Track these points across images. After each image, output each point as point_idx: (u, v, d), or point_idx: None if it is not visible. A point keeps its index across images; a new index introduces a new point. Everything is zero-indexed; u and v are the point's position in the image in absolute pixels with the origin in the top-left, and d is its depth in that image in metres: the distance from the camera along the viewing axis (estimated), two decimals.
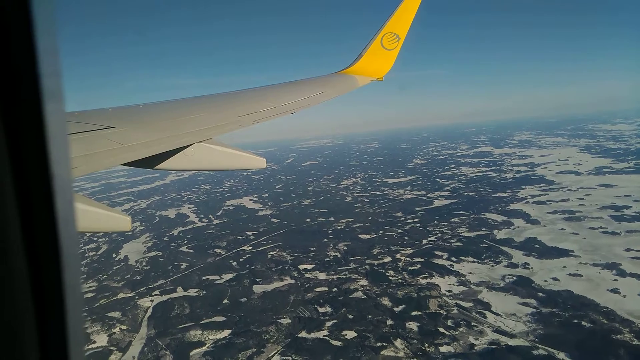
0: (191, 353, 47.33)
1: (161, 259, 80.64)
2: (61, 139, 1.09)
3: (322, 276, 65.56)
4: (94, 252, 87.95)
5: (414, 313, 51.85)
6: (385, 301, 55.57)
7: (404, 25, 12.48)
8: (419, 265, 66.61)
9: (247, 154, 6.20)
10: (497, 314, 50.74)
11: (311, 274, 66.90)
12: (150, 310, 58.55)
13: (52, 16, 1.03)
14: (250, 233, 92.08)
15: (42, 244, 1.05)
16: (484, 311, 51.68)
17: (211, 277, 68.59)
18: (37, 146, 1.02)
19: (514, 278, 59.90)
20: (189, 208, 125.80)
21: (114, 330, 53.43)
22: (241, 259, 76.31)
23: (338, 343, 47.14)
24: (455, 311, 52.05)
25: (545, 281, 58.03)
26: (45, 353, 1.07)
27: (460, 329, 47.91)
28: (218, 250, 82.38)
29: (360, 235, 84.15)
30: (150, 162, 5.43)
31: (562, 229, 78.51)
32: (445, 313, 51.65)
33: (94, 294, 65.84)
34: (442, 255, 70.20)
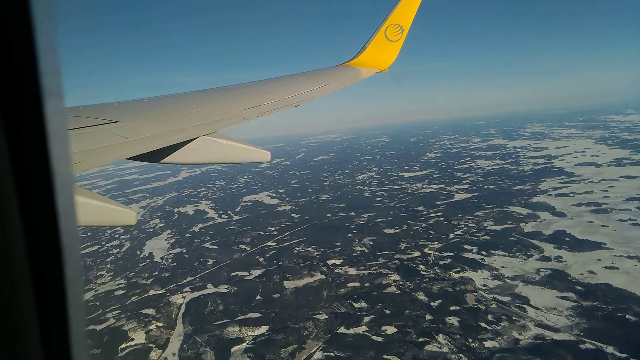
0: (232, 350, 47.21)
1: (186, 256, 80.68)
2: (61, 136, 1.09)
3: (352, 271, 65.18)
4: (118, 250, 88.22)
5: (452, 308, 51.37)
6: (421, 296, 55.15)
7: (407, 17, 12.40)
8: (449, 260, 66.04)
9: (252, 147, 6.16)
10: (537, 308, 50.18)
11: (341, 269, 66.55)
12: (183, 307, 58.53)
13: (51, 14, 1.03)
14: (273, 229, 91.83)
15: (43, 241, 1.05)
16: (523, 305, 51.13)
17: (240, 273, 68.45)
18: (37, 144, 1.03)
19: (549, 271, 59.21)
20: (206, 204, 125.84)
21: (150, 328, 53.42)
22: (267, 255, 76.12)
23: (379, 339, 46.83)
24: (494, 306, 51.52)
25: (582, 274, 57.32)
26: (48, 349, 1.07)
27: (502, 324, 47.41)
28: (243, 246, 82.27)
29: (384, 230, 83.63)
30: (155, 156, 5.43)
31: (590, 222, 77.55)
32: (484, 308, 51.13)
33: (124, 291, 66.03)
34: (472, 249, 69.57)
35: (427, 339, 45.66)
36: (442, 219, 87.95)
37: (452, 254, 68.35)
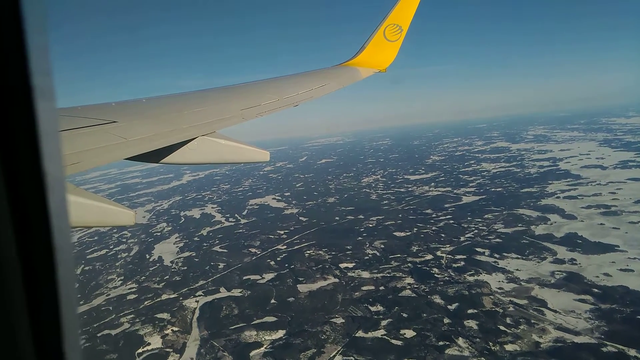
0: (251, 354, 46.95)
1: (196, 259, 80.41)
2: (53, 136, 1.08)
3: (365, 275, 64.96)
4: (127, 254, 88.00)
5: (469, 311, 51.14)
6: (437, 299, 54.95)
7: (406, 17, 12.43)
8: (462, 263, 65.89)
9: (251, 147, 6.19)
10: (555, 311, 49.97)
11: (354, 272, 66.32)
12: (197, 311, 58.24)
13: (42, 14, 1.02)
14: (282, 232, 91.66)
15: (36, 242, 1.04)
16: (541, 308, 50.90)
17: (252, 277, 68.18)
18: (29, 144, 1.01)
19: (564, 274, 59.02)
20: (212, 208, 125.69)
21: (166, 332, 53.15)
22: (278, 258, 75.86)
23: (398, 342, 46.59)
24: (512, 309, 51.30)
25: (597, 277, 57.14)
26: (41, 351, 1.06)
27: (522, 327, 47.16)
28: (253, 250, 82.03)
29: (395, 233, 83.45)
30: (154, 157, 5.44)
31: (601, 224, 77.44)
32: (501, 311, 50.92)
33: (136, 295, 65.77)
34: (484, 252, 69.40)
35: (447, 343, 45.43)
36: (451, 221, 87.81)
37: (464, 256, 68.20)
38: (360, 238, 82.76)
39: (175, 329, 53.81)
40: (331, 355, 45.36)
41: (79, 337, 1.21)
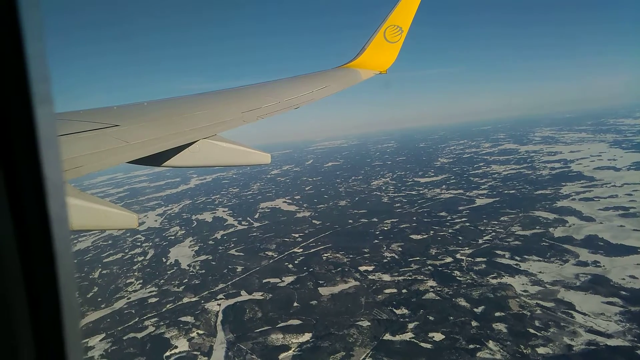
0: (280, 357, 46.75)
1: (213, 263, 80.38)
2: (52, 142, 1.10)
3: (386, 277, 64.74)
4: (142, 257, 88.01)
5: (497, 314, 50.85)
6: (462, 302, 54.63)
7: (406, 18, 12.37)
8: (483, 265, 65.55)
9: (252, 150, 6.22)
10: (584, 314, 49.59)
11: (374, 275, 66.11)
12: (220, 314, 58.13)
13: (39, 21, 1.04)
14: (297, 235, 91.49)
15: (36, 247, 1.06)
16: (569, 311, 50.52)
17: (272, 280, 68.04)
18: (28, 150, 1.03)
19: (589, 276, 58.61)
20: (223, 211, 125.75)
21: (191, 335, 53.05)
22: (296, 262, 75.71)
23: (428, 345, 46.32)
24: (539, 312, 50.96)
25: (623, 279, 56.71)
26: (42, 355, 1.07)
27: (551, 330, 46.83)
28: (269, 253, 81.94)
29: (411, 236, 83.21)
30: (156, 160, 5.48)
31: (621, 226, 76.91)
32: (529, 314, 50.56)
33: (157, 299, 65.73)
34: (504, 255, 69.02)
35: (477, 346, 45.13)
36: (467, 224, 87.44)
37: (484, 259, 67.83)
38: (376, 241, 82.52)
39: (200, 332, 53.70)
40: (361, 358, 45.11)
41: (81, 343, 1.21)
